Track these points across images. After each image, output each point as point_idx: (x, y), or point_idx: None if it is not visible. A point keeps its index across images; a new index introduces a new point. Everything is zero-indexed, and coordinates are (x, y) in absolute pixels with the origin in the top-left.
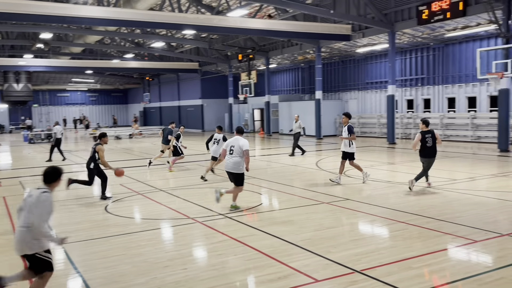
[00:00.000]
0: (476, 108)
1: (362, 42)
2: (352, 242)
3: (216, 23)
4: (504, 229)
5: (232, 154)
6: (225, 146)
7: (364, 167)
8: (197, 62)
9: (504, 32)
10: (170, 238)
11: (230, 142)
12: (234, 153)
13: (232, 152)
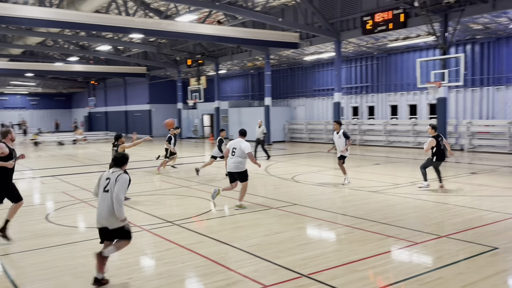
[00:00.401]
0: (417, 115)
1: (310, 50)
2: (300, 247)
3: (164, 28)
4: (442, 231)
5: (234, 155)
6: (228, 147)
7: (311, 172)
8: (145, 67)
9: (442, 44)
10: None
11: (233, 144)
12: (236, 155)
13: (234, 153)
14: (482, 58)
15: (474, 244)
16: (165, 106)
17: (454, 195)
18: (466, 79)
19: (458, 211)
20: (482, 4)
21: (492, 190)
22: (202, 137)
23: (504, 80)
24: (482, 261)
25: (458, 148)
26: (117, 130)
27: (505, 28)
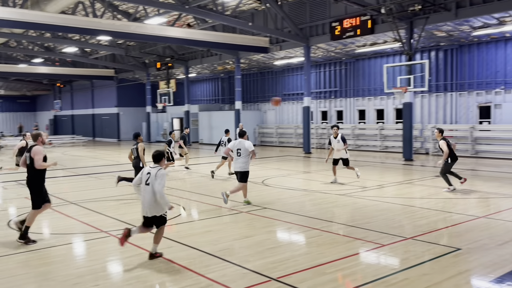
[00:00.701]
0: (383, 119)
1: (280, 55)
2: (269, 250)
3: (133, 30)
4: (408, 233)
5: (240, 156)
6: (231, 147)
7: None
8: (113, 69)
9: (407, 50)
10: (81, 254)
11: (236, 145)
12: (242, 155)
13: (239, 154)
14: (445, 64)
15: (438, 245)
16: (134, 109)
17: (419, 198)
18: (430, 84)
19: (423, 214)
20: (445, 12)
21: (455, 192)
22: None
23: (466, 86)
24: (445, 261)
25: (423, 152)
26: (84, 133)
27: (467, 36)
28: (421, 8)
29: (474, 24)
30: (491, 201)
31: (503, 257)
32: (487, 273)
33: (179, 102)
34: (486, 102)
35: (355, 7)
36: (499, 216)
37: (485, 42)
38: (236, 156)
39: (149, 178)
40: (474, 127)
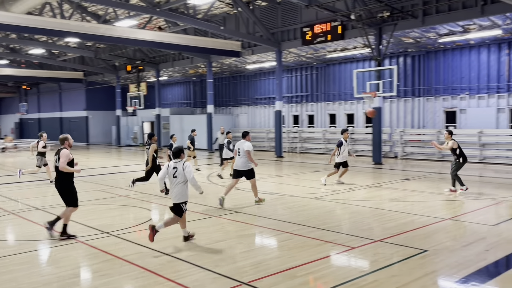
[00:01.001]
0: (354, 124)
1: (252, 59)
2: (240, 255)
3: (102, 32)
4: (377, 235)
5: (240, 155)
6: (235, 147)
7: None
8: (81, 72)
9: (376, 56)
10: (47, 261)
11: (238, 145)
12: (241, 155)
13: (239, 154)
14: (413, 70)
15: (406, 247)
16: (103, 112)
17: (388, 201)
18: (399, 90)
19: (392, 216)
20: (412, 19)
21: (423, 195)
22: (142, 145)
23: (433, 91)
24: (413, 263)
25: (392, 156)
26: (52, 137)
27: (434, 43)
28: (390, 15)
29: (440, 31)
30: (456, 203)
31: (468, 258)
32: (452, 273)
33: (150, 106)
34: (452, 107)
35: (326, 13)
36: (464, 218)
37: (450, 49)
38: (237, 155)
39: (176, 172)
40: (440, 132)
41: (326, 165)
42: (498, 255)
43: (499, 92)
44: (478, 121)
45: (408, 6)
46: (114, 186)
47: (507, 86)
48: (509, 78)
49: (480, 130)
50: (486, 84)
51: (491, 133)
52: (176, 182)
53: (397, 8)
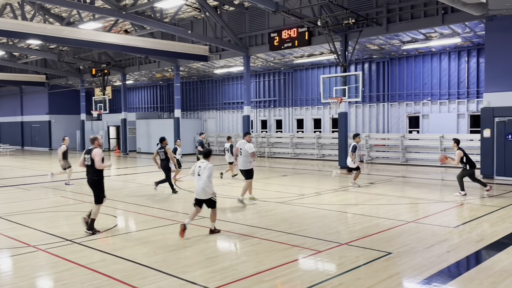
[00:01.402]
0: (321, 129)
1: (220, 64)
2: (207, 260)
3: (66, 35)
4: (343, 238)
5: (241, 154)
6: (237, 146)
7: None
8: (44, 75)
9: (342, 62)
10: (6, 270)
11: (240, 145)
12: (243, 154)
13: (241, 153)
14: (378, 76)
15: (371, 250)
16: (67, 117)
17: (354, 205)
18: (364, 95)
19: (358, 220)
20: (377, 26)
21: (387, 199)
22: (107, 150)
23: (397, 97)
24: (377, 265)
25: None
26: (12, 142)
27: (397, 50)
28: (355, 22)
29: (404, 39)
30: (419, 206)
31: (430, 260)
32: (415, 275)
33: (115, 110)
34: (415, 113)
35: (293, 19)
36: (426, 221)
37: (413, 55)
38: (239, 154)
39: (200, 171)
40: (404, 136)
41: (294, 169)
42: (459, 256)
43: (459, 98)
44: (440, 126)
45: (373, 14)
46: (78, 192)
47: (467, 93)
48: (469, 84)
49: (441, 135)
50: (447, 91)
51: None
52: (198, 179)
53: (362, 15)
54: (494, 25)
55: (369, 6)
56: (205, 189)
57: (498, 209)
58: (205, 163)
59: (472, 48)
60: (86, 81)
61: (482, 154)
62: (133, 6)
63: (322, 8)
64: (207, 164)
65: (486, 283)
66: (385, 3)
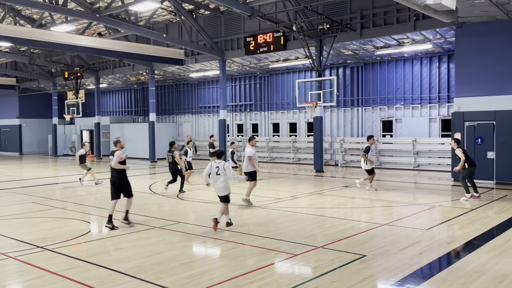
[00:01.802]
0: (296, 133)
1: (195, 67)
2: (183, 266)
3: (37, 37)
4: (318, 242)
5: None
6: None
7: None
8: (14, 78)
9: (317, 67)
10: None
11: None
12: (245, 158)
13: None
14: (352, 81)
15: (347, 253)
16: (39, 121)
17: (329, 208)
18: (339, 100)
19: (333, 223)
20: (351, 32)
21: (361, 202)
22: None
23: (370, 101)
24: (353, 268)
25: (333, 163)
26: None
27: (371, 55)
28: (330, 27)
29: (377, 44)
30: (393, 209)
31: (403, 261)
32: (389, 277)
33: (89, 114)
34: (388, 117)
35: (268, 23)
36: (400, 223)
37: (386, 61)
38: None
39: (219, 170)
40: (378, 140)
41: (270, 173)
42: (431, 257)
43: (431, 103)
44: (412, 130)
45: (347, 19)
46: (50, 198)
47: (438, 97)
48: (440, 89)
49: (414, 139)
50: (419, 95)
51: (424, 142)
52: (220, 179)
53: (336, 21)
54: (464, 32)
55: (343, 12)
56: (227, 186)
57: (468, 211)
58: (222, 163)
59: (443, 54)
60: (59, 84)
61: (453, 157)
62: (107, 8)
63: (297, 13)
64: (224, 163)
65: (457, 284)
66: (359, 9)
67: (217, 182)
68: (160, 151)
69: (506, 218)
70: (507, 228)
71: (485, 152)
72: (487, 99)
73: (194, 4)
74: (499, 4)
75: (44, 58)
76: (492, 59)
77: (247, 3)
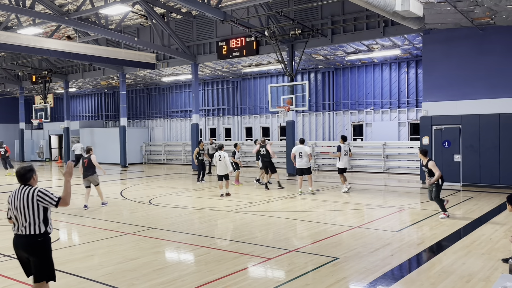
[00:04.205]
0: (269, 137)
1: (167, 72)
2: (156, 272)
3: (3, 40)
4: (292, 245)
5: (301, 157)
6: (294, 152)
7: (169, 195)
8: None
9: (289, 71)
10: None
11: (298, 150)
12: (303, 156)
13: (301, 156)
14: (323, 86)
15: (319, 255)
16: (4, 126)
17: (302, 211)
18: (311, 104)
19: (306, 226)
20: (322, 37)
21: (334, 205)
22: (49, 160)
23: (341, 106)
24: (325, 271)
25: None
26: None
27: (342, 60)
28: (301, 32)
29: (347, 50)
30: (364, 211)
31: (375, 263)
32: (361, 279)
33: (58, 118)
34: (359, 121)
35: (241, 28)
36: (371, 226)
37: (357, 66)
38: (298, 157)
39: (220, 157)
40: (349, 144)
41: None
42: (402, 259)
43: (400, 107)
44: (382, 134)
45: (318, 25)
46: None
47: (407, 102)
48: (408, 94)
49: (384, 143)
50: (388, 100)
51: (394, 145)
52: (220, 164)
53: (308, 26)
54: (431, 38)
55: (314, 17)
56: (226, 167)
57: (437, 213)
58: (223, 153)
59: (411, 59)
60: (26, 89)
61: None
62: (76, 11)
63: (269, 18)
64: (224, 153)
65: (426, 284)
66: (330, 15)
67: (218, 165)
68: (132, 156)
69: (473, 219)
70: (473, 229)
71: (452, 155)
72: (454, 103)
73: (166, 8)
74: (464, 12)
75: (11, 61)
76: (458, 65)
77: (219, 7)
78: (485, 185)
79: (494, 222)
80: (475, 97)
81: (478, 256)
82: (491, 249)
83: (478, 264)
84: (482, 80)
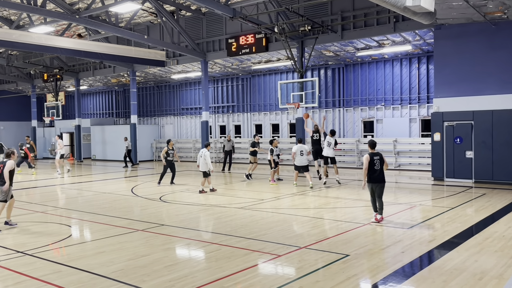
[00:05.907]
0: (279, 134)
1: (177, 69)
2: (166, 268)
3: (15, 39)
4: (302, 242)
5: (302, 155)
6: (295, 151)
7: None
8: None
9: (299, 68)
10: None
11: (299, 148)
12: (304, 154)
13: (302, 154)
14: (333, 82)
15: (330, 252)
16: (17, 123)
17: (312, 208)
18: (320, 100)
19: (316, 223)
20: (332, 33)
21: (344, 202)
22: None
23: (352, 102)
24: (336, 268)
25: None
26: None
27: (352, 56)
28: (311, 28)
29: (358, 46)
30: None
31: (386, 260)
32: (372, 276)
33: (69, 116)
34: (369, 118)
35: (250, 25)
36: (382, 223)
37: (367, 62)
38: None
39: (202, 154)
40: (359, 141)
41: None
42: (413, 256)
43: (411, 104)
44: (393, 130)
45: (328, 21)
46: (30, 202)
47: (418, 98)
48: (419, 90)
49: (395, 139)
50: (399, 96)
51: (405, 142)
52: (200, 158)
53: (317, 22)
54: (442, 34)
55: (324, 13)
56: (205, 164)
57: (448, 210)
58: (204, 150)
59: (422, 55)
60: (38, 87)
61: (433, 157)
62: (87, 10)
63: (279, 15)
64: (205, 151)
65: (438, 282)
66: (340, 11)
67: (200, 161)
68: (142, 153)
69: (485, 216)
70: (485, 226)
71: (464, 152)
72: (465, 99)
73: (175, 6)
74: (476, 7)
75: (23, 60)
76: (470, 60)
77: (228, 4)
78: (497, 181)
79: (507, 219)
80: (488, 93)
81: (490, 254)
82: (504, 246)
83: (491, 262)
84: (495, 76)
